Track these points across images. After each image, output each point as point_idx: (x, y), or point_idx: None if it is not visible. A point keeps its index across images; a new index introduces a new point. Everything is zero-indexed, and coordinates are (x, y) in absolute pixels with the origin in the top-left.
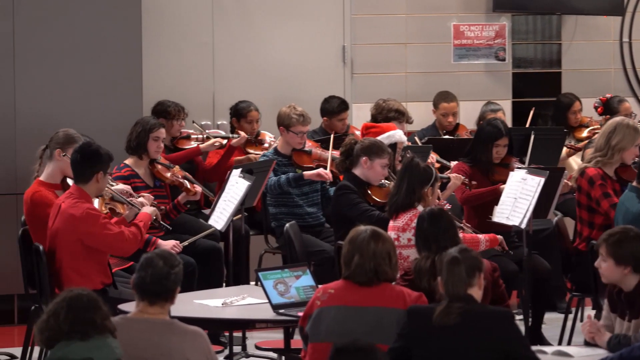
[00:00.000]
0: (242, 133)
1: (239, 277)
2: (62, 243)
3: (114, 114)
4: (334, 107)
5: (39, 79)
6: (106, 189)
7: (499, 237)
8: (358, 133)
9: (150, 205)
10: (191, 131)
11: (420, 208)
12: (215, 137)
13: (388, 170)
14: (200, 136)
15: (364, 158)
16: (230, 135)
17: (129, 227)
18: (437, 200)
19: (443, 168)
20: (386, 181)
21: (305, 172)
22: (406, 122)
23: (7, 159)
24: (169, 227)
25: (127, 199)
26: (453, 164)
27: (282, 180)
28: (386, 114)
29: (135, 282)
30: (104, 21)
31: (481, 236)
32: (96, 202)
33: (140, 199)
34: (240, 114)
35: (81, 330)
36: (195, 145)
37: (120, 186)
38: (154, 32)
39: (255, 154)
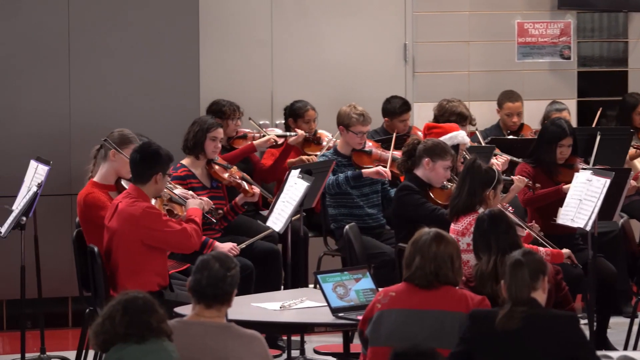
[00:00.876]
0: (300, 131)
1: (297, 279)
2: (120, 243)
3: (171, 113)
4: (396, 108)
5: (94, 78)
6: (165, 190)
7: (565, 251)
8: (420, 134)
9: (208, 208)
10: (247, 130)
11: (481, 211)
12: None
13: (450, 172)
14: (258, 135)
15: (426, 159)
16: (288, 134)
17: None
18: (503, 203)
19: (513, 165)
20: (448, 183)
21: (364, 170)
22: (469, 124)
23: (62, 159)
24: (214, 220)
25: (186, 200)
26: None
27: (340, 179)
28: (448, 117)
29: (191, 285)
30: (161, 19)
31: (542, 250)
32: (154, 203)
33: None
34: (296, 113)
35: (137, 333)
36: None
37: (180, 190)
38: (211, 30)
39: (313, 154)
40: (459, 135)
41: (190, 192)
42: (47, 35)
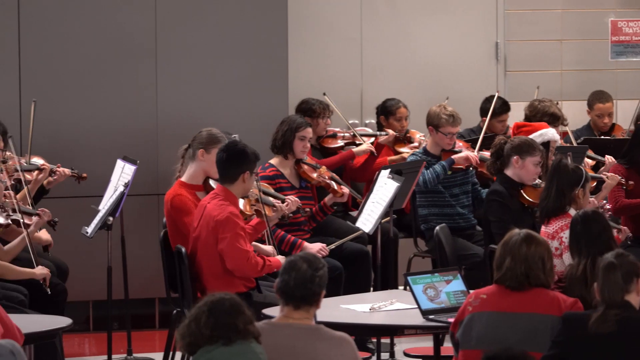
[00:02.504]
0: (390, 131)
1: (387, 281)
2: (205, 245)
3: (259, 113)
4: (495, 108)
5: (181, 77)
6: (252, 190)
7: None
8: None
9: (296, 208)
10: (337, 129)
11: (572, 211)
12: (363, 134)
13: (541, 169)
14: (347, 134)
15: (515, 157)
16: (378, 133)
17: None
18: (597, 201)
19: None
20: (540, 181)
21: (454, 156)
22: (561, 125)
23: (149, 159)
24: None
25: (273, 202)
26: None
27: (437, 169)
28: (540, 117)
29: (278, 287)
30: (249, 17)
31: None
32: (241, 203)
33: (287, 202)
34: (388, 111)
35: (223, 335)
36: (342, 144)
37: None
38: (300, 28)
39: (404, 152)
40: (548, 133)
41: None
42: (134, 34)
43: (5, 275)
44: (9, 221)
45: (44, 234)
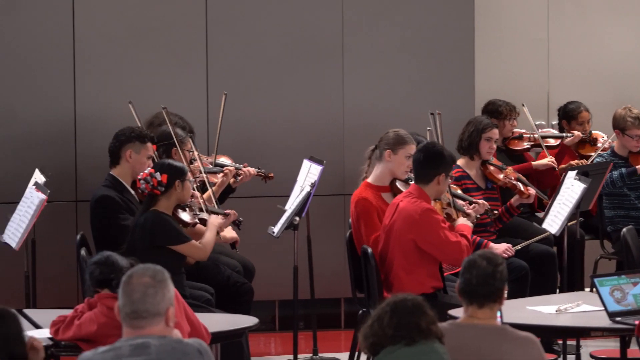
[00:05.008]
0: (576, 132)
1: (573, 283)
2: (396, 243)
3: (445, 113)
4: None
5: (368, 77)
6: (445, 193)
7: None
8: None
9: (484, 210)
10: (523, 131)
11: None
12: (549, 136)
13: None
14: (533, 136)
15: None
16: (564, 135)
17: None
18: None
19: None
20: None
21: (638, 166)
22: None
23: (336, 159)
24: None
25: (464, 208)
26: None
27: (614, 176)
28: None
29: (460, 287)
30: (435, 17)
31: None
32: (433, 206)
33: (475, 205)
34: (570, 115)
35: (405, 335)
36: (528, 146)
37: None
38: (487, 29)
39: (588, 155)
40: None
41: (483, 202)
42: (321, 33)
43: (210, 247)
44: (196, 220)
45: (229, 232)
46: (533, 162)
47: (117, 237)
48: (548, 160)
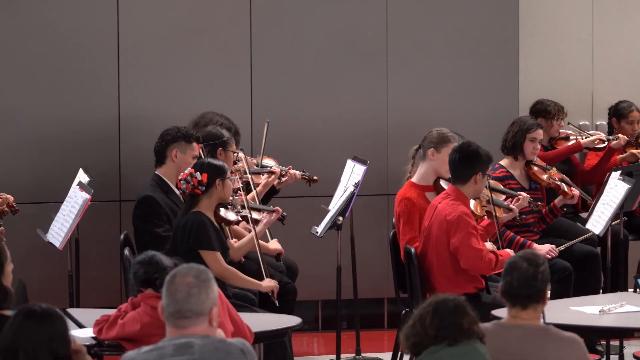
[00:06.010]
0: (621, 135)
1: (616, 283)
2: (435, 245)
3: (489, 113)
4: None
5: (411, 77)
6: (484, 191)
7: None
8: None
9: (528, 205)
10: (570, 132)
11: None
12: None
13: None
14: (579, 137)
15: None
16: (610, 137)
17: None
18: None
19: None
20: None
21: None
22: None
23: (379, 159)
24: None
25: (505, 203)
26: None
27: None
28: None
29: (503, 289)
30: (480, 17)
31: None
32: (472, 204)
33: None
34: (620, 114)
35: (447, 335)
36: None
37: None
38: (531, 28)
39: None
40: None
41: (525, 195)
42: (366, 34)
43: (231, 280)
44: (239, 217)
45: (273, 244)
46: (582, 140)
47: (148, 244)
48: (594, 137)
